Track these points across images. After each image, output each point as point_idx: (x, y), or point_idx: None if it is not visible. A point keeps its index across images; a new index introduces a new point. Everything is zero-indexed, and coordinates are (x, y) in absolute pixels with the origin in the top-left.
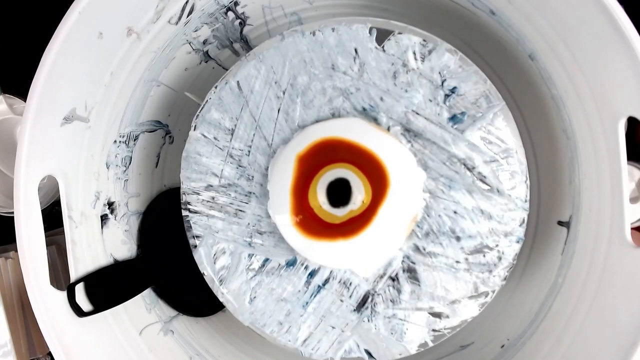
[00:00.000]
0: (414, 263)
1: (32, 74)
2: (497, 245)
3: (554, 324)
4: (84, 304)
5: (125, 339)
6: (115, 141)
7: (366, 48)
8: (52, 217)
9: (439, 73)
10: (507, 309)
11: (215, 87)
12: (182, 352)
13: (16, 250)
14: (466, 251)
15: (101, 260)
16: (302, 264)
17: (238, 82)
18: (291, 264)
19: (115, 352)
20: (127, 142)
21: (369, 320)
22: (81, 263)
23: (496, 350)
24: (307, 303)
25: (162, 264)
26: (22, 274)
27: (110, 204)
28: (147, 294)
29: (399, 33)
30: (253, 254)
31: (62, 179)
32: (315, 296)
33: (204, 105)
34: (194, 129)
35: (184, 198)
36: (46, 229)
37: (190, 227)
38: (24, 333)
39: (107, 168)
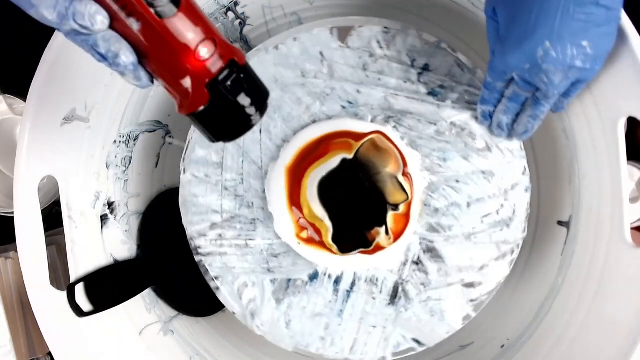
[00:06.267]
0: (432, 242)
1: (32, 74)
2: (507, 200)
3: (554, 324)
4: (84, 304)
5: (125, 339)
6: (115, 141)
7: (331, 48)
8: (52, 217)
9: (407, 55)
10: (507, 309)
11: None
12: (182, 352)
13: (16, 250)
14: (479, 215)
15: (101, 260)
16: (325, 274)
17: None
18: (314, 277)
19: (115, 352)
20: (127, 142)
21: (406, 310)
22: (81, 263)
23: (496, 350)
24: (341, 311)
25: (162, 264)
26: (22, 274)
27: (110, 204)
28: (147, 294)
29: (360, 27)
30: (275, 279)
31: (62, 179)
32: (347, 302)
33: (187, 146)
34: (184, 172)
35: (192, 244)
36: (46, 229)
37: (207, 270)
38: (24, 333)
39: (107, 168)
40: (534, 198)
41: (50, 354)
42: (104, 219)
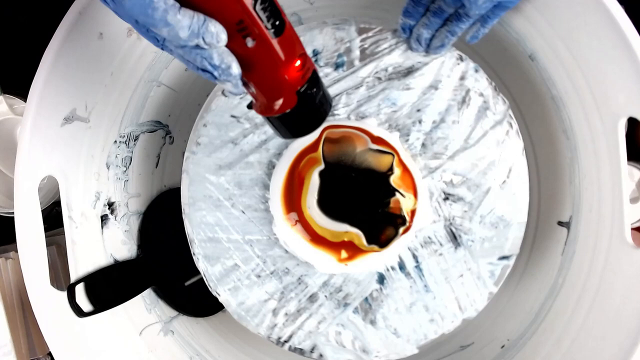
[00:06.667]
0: (443, 171)
1: (32, 74)
2: (469, 90)
3: (554, 324)
4: (84, 304)
5: (125, 339)
6: (115, 141)
7: (236, 107)
8: (52, 217)
9: None
10: (507, 309)
11: (196, 257)
12: (182, 352)
13: (16, 250)
14: (458, 120)
15: (101, 260)
16: (388, 270)
17: (209, 237)
18: (382, 280)
19: (115, 352)
20: (127, 143)
21: (473, 241)
22: (81, 263)
23: (496, 351)
24: (426, 286)
25: (162, 264)
26: (22, 274)
27: (110, 204)
28: (147, 294)
29: None
30: (356, 307)
31: (62, 179)
32: (423, 275)
33: (204, 275)
34: (219, 295)
35: (273, 340)
36: (46, 229)
37: (302, 349)
38: (24, 333)
39: (108, 168)
40: (534, 198)
41: (50, 354)
42: (104, 219)
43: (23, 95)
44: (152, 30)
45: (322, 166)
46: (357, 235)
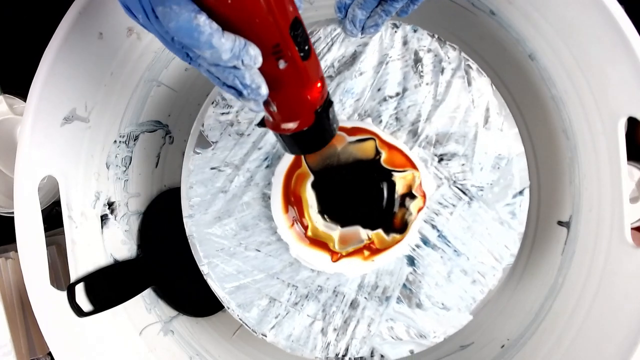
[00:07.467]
0: (426, 136)
1: (32, 74)
2: (421, 58)
3: (554, 324)
4: (84, 304)
5: (125, 339)
6: (115, 141)
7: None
8: (52, 217)
9: None
10: (507, 309)
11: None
12: (182, 352)
13: (16, 250)
14: (423, 85)
15: (101, 260)
16: (414, 249)
17: (235, 286)
18: (412, 261)
19: (115, 352)
20: (127, 142)
21: (482, 189)
22: (81, 263)
23: (496, 351)
24: (456, 251)
25: (162, 264)
26: (22, 274)
27: (110, 204)
28: (147, 294)
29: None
30: (398, 297)
31: (62, 179)
32: (449, 242)
33: (245, 324)
34: (266, 337)
35: (333, 359)
36: (46, 229)
37: (363, 358)
38: (24, 333)
39: (107, 168)
40: (534, 198)
41: (50, 354)
42: (104, 219)
43: (23, 95)
44: (192, 50)
45: (312, 178)
46: (375, 233)
